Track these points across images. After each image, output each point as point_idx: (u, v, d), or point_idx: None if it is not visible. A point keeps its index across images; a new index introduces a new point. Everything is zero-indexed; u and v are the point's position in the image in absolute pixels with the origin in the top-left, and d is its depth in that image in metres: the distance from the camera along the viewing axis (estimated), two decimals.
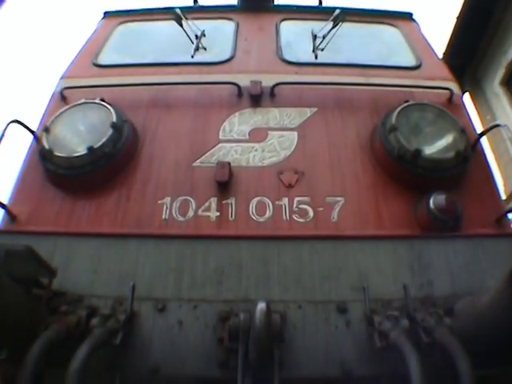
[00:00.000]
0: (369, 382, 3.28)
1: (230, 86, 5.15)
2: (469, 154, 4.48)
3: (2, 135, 4.20)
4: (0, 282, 2.65)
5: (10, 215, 4.21)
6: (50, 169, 4.40)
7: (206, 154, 4.56)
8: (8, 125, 4.32)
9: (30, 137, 4.76)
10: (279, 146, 4.62)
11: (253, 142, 4.67)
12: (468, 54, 14.56)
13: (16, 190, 4.48)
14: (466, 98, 14.52)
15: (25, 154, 4.77)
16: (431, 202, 4.04)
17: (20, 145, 5.06)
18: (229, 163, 4.33)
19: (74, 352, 2.80)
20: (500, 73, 13.73)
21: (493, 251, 3.75)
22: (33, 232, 3.79)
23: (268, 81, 5.17)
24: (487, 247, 3.78)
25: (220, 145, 4.65)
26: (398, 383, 3.11)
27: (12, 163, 5.37)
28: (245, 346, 2.97)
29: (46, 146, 4.40)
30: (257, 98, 5.09)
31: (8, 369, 3.27)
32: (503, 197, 4.39)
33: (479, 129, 5.04)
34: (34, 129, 4.78)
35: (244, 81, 5.17)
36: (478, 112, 14.48)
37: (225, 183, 4.23)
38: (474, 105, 14.80)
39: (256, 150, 4.59)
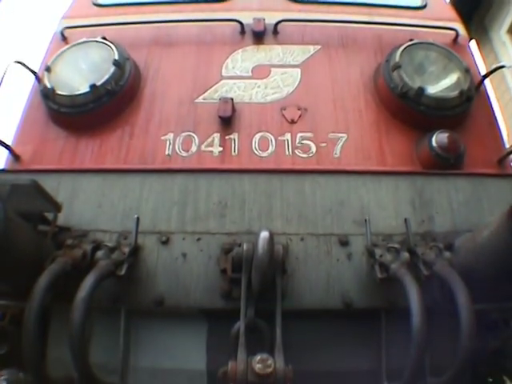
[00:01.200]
0: (369, 314, 3.36)
1: (232, 23, 5.07)
2: (472, 93, 4.45)
3: (3, 76, 4.19)
4: (7, 215, 2.67)
5: (14, 155, 4.23)
6: (52, 108, 4.39)
7: (209, 91, 4.53)
8: (9, 66, 4.30)
9: (32, 78, 4.74)
10: (282, 83, 4.59)
11: (256, 79, 4.63)
12: (475, 1, 14.27)
13: (19, 130, 4.49)
14: (473, 46, 14.30)
15: (27, 95, 4.76)
16: (433, 139, 4.04)
17: (22, 86, 5.05)
18: (231, 99, 4.30)
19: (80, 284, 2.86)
20: (508, 21, 13.45)
21: (494, 190, 3.77)
22: (37, 170, 3.79)
23: (271, 18, 5.09)
24: (488, 186, 3.80)
25: (223, 81, 4.61)
26: (398, 316, 3.19)
27: (15, 105, 5.36)
28: (248, 275, 3.01)
29: (48, 85, 4.38)
30: (260, 36, 5.03)
31: (15, 304, 3.34)
32: (507, 145, 4.39)
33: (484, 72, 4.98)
34: (36, 70, 4.74)
35: (247, 18, 5.09)
36: (484, 60, 14.28)
37: (228, 118, 4.22)
38: (480, 53, 14.58)
39: (259, 87, 4.56)
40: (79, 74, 4.51)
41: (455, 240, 3.34)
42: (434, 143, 4.02)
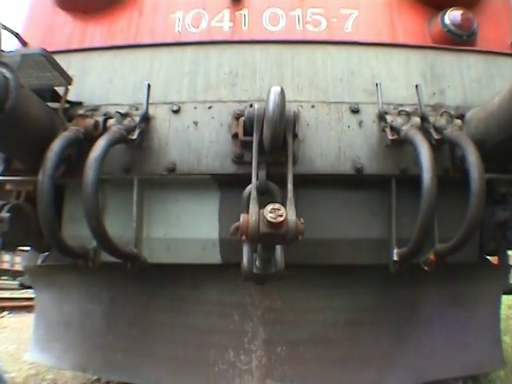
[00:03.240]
0: (380, 181, 3.41)
1: None
2: None
3: None
4: (19, 83, 2.67)
5: (23, 42, 4.18)
6: None
7: None
8: None
9: None
10: None
11: None
12: None
13: (27, 18, 4.42)
14: None
15: None
16: (446, 16, 3.95)
17: None
18: None
19: None
20: None
21: (507, 69, 3.74)
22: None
23: None
24: (501, 64, 3.77)
25: None
26: (409, 185, 3.22)
27: None
28: (259, 136, 3.02)
29: None
30: None
31: (30, 179, 3.37)
32: None
33: None
34: None
35: None
36: None
37: None
38: None
39: None
40: None
41: (466, 113, 3.34)
42: (446, 20, 3.94)
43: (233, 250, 3.25)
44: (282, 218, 2.40)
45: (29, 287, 4.77)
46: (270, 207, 2.44)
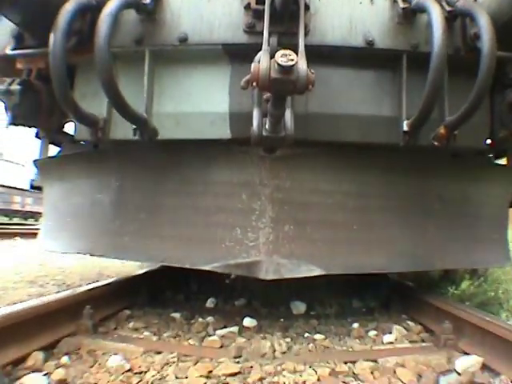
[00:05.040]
0: (390, 55, 3.39)
1: None
2: None
3: None
4: None
5: None
6: None
7: None
8: None
9: None
10: None
11: None
12: None
13: None
14: None
15: None
16: None
17: None
18: None
19: None
20: None
21: None
22: None
23: None
24: None
25: None
26: (420, 64, 3.17)
27: None
28: (271, 2, 3.01)
29: None
30: None
31: (42, 52, 3.33)
32: None
33: None
34: None
35: None
36: None
37: None
38: None
39: None
40: None
41: None
42: None
43: (242, 123, 3.25)
44: (292, 62, 2.37)
45: (38, 188, 4.80)
46: (280, 53, 2.41)
